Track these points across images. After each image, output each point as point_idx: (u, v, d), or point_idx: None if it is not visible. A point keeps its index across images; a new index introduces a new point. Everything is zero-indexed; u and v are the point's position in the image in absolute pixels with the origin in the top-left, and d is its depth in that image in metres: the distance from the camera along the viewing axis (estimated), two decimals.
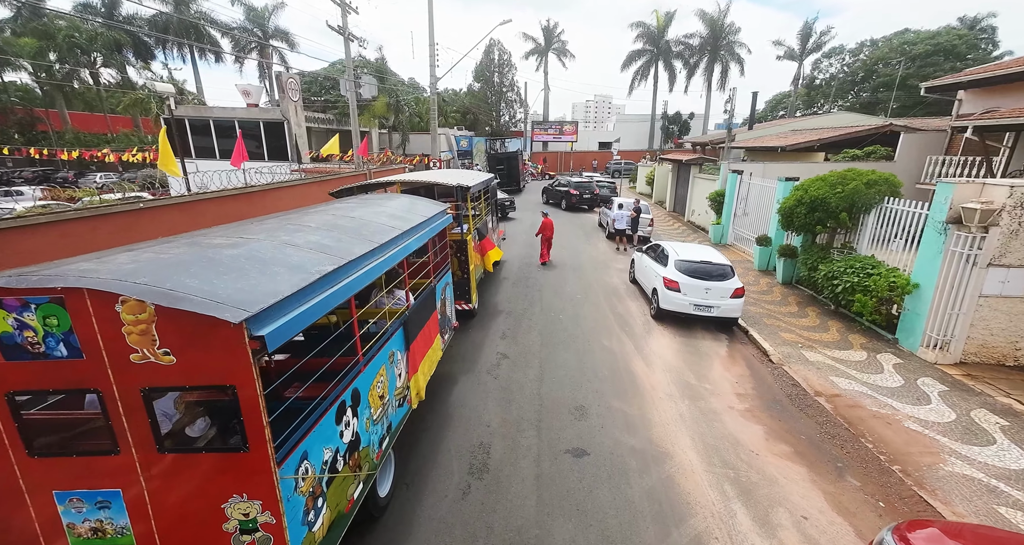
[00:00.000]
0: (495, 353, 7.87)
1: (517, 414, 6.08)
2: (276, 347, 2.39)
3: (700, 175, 19.60)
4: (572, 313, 9.78)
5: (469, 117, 49.42)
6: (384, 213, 5.32)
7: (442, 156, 32.26)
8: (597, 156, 48.69)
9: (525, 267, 13.42)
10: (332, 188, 11.34)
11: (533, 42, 49.02)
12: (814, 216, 9.71)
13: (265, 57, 40.51)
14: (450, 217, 6.84)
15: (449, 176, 9.34)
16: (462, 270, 8.53)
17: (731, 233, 15.99)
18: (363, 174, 17.46)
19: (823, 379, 6.93)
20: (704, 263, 9.08)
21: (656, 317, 9.49)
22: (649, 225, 16.84)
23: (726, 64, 45.66)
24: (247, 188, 10.19)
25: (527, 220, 21.11)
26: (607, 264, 13.94)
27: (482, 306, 10.13)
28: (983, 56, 48.14)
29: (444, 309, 6.73)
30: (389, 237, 4.46)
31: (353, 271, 3.53)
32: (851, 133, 16.97)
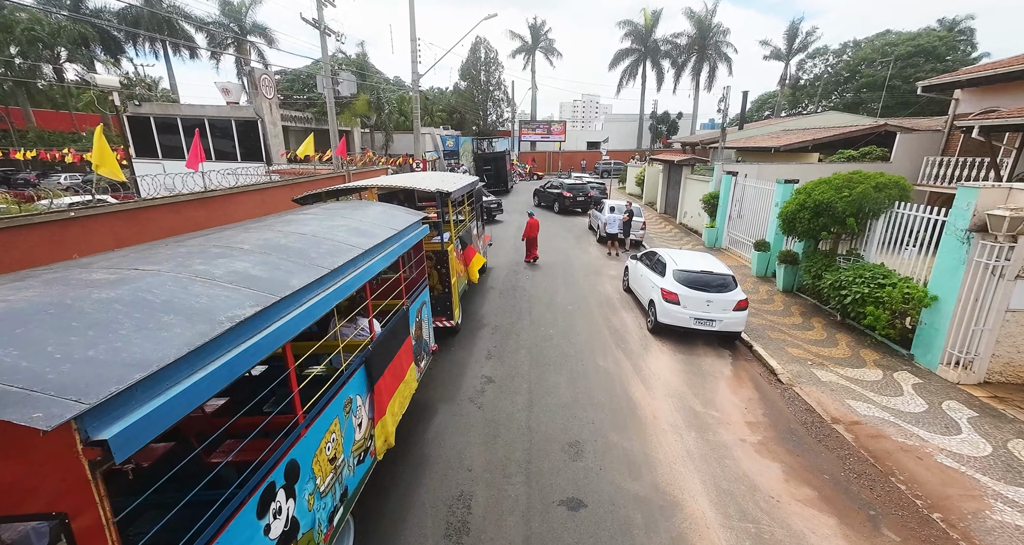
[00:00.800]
0: (479, 376, 7.11)
1: (504, 453, 5.33)
2: (136, 450, 1.60)
3: (692, 176, 19.07)
4: (563, 327, 9.06)
5: (456, 116, 48.53)
6: (345, 227, 4.52)
7: (427, 156, 31.35)
8: (586, 156, 48.19)
9: (513, 275, 12.68)
10: (307, 191, 10.51)
11: (520, 40, 48.33)
12: (818, 221, 9.14)
13: (243, 54, 39.11)
14: (426, 228, 6.06)
15: (429, 180, 8.56)
16: (443, 284, 7.75)
17: (726, 236, 15.46)
18: (341, 176, 16.55)
19: (838, 403, 6.32)
20: (705, 273, 8.44)
21: (654, 331, 8.82)
22: (641, 228, 16.25)
23: (714, 64, 45.51)
24: (205, 193, 9.26)
25: (515, 223, 20.37)
26: (599, 271, 13.27)
27: (467, 319, 9.36)
28: (962, 57, 48.85)
29: (420, 332, 5.95)
30: (346, 259, 3.67)
31: (287, 311, 2.74)
32: (845, 133, 16.58)
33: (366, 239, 4.35)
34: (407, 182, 7.81)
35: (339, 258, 3.62)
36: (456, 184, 8.55)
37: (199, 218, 9.04)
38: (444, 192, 7.33)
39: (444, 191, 7.34)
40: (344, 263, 3.58)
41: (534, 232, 13.44)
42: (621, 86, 47.50)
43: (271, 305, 2.60)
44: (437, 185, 7.78)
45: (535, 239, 13.60)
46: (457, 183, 8.75)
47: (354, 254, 3.82)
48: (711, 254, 10.56)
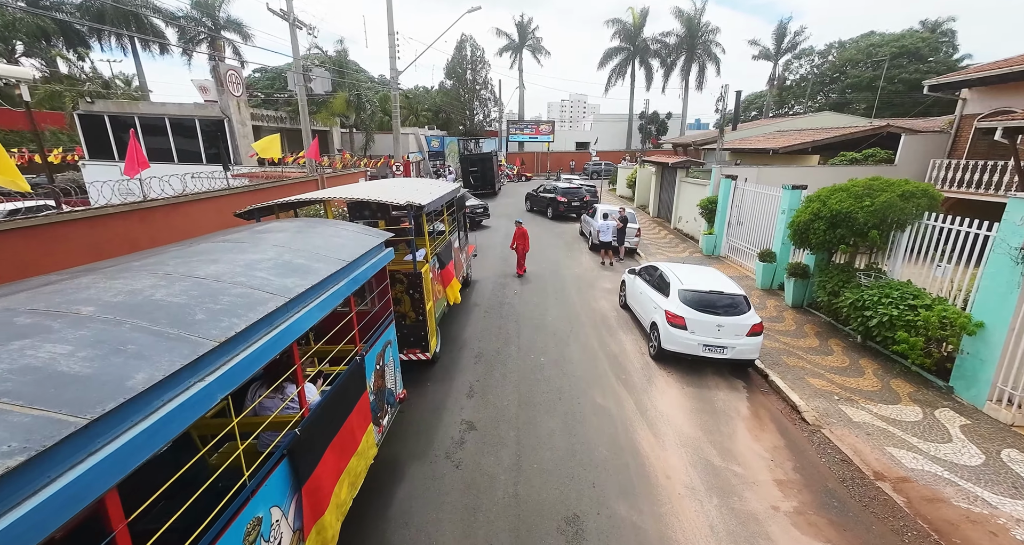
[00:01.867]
0: (459, 422, 6.05)
1: (485, 535, 4.29)
2: None
3: (687, 179, 18.23)
4: (556, 354, 8.04)
5: (441, 116, 47.28)
6: (272, 261, 3.43)
7: (411, 157, 30.13)
8: (575, 157, 47.34)
9: (500, 288, 11.63)
10: (273, 198, 9.34)
11: (507, 38, 47.29)
12: (836, 233, 8.26)
13: (217, 50, 37.39)
14: (390, 252, 4.98)
15: (401, 189, 7.45)
16: (416, 311, 6.66)
17: (725, 244, 14.61)
18: (314, 181, 15.34)
19: (878, 451, 5.40)
20: (714, 293, 7.49)
21: (657, 358, 7.85)
22: (636, 235, 15.32)
23: (703, 63, 45.00)
24: (144, 203, 8.03)
25: (503, 229, 19.32)
26: (593, 283, 12.29)
27: (446, 344, 8.29)
28: (944, 59, 49.23)
29: (382, 382, 4.86)
30: (253, 318, 2.58)
31: (114, 433, 1.65)
32: (847, 135, 15.89)
33: (299, 279, 3.26)
34: (373, 193, 6.70)
35: (242, 318, 2.53)
36: (433, 194, 7.46)
37: (135, 234, 7.81)
38: (417, 205, 6.25)
39: (417, 204, 6.25)
40: (247, 327, 2.49)
41: (523, 242, 12.35)
42: (610, 85, 46.78)
43: (75, 432, 1.51)
44: (409, 196, 6.69)
45: (525, 250, 12.49)
46: (434, 192, 7.66)
47: (269, 309, 2.73)
48: (714, 267, 9.66)
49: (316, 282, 3.33)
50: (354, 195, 6.52)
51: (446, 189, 8.59)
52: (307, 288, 3.20)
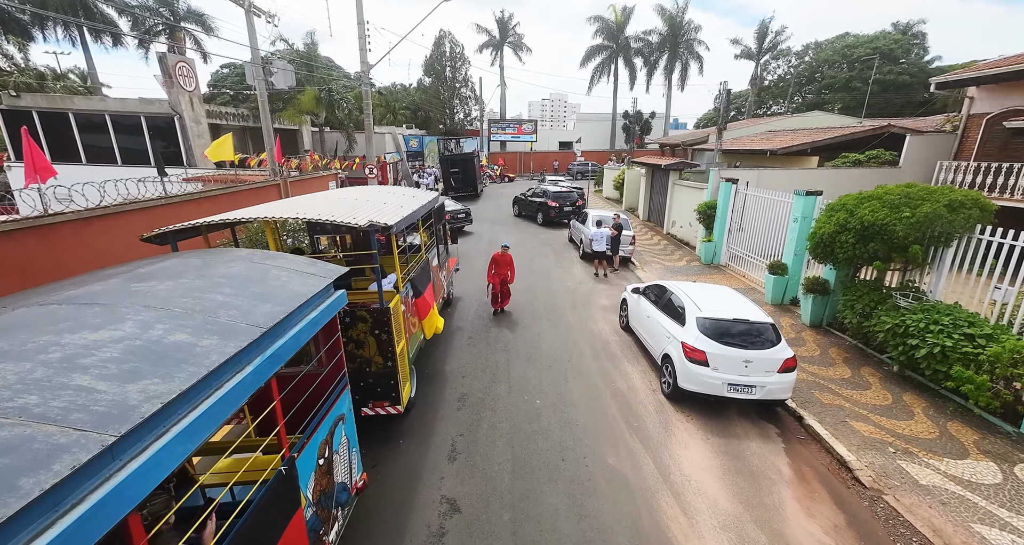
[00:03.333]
0: (437, 500, 4.77)
1: None
2: None
3: (681, 182, 17.27)
4: (554, 394, 6.82)
5: (420, 115, 45.62)
6: (118, 347, 2.09)
7: (387, 158, 28.53)
8: (558, 157, 46.31)
9: (486, 307, 10.35)
10: (221, 209, 7.95)
11: (487, 34, 45.94)
12: (868, 248, 7.26)
13: (177, 42, 34.92)
14: (342, 296, 3.66)
15: (366, 201, 6.10)
16: (384, 355, 5.34)
17: (725, 252, 13.65)
18: (276, 185, 13.78)
19: (963, 530, 4.35)
20: (739, 322, 6.38)
21: (672, 397, 6.71)
22: (631, 243, 14.25)
23: (685, 62, 44.54)
24: (43, 218, 6.46)
25: (487, 235, 18.04)
26: (588, 299, 11.13)
27: (425, 383, 6.98)
28: (916, 60, 50.09)
29: (328, 480, 3.53)
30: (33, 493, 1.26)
31: None
32: (847, 135, 15.15)
33: (161, 380, 1.94)
34: (329, 209, 5.34)
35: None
36: (405, 207, 6.14)
37: (32, 260, 6.25)
38: (382, 226, 4.93)
39: (382, 223, 4.93)
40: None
41: (505, 272, 9.65)
42: (593, 84, 45.90)
43: None
44: (374, 212, 5.36)
45: (506, 282, 9.78)
46: (406, 205, 6.34)
47: (51, 481, 1.40)
48: (727, 286, 8.60)
49: (193, 382, 2.01)
50: (304, 211, 5.15)
51: (422, 200, 7.26)
52: (171, 400, 1.87)
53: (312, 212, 5.04)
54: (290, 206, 5.64)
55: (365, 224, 4.78)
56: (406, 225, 5.74)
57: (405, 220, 5.63)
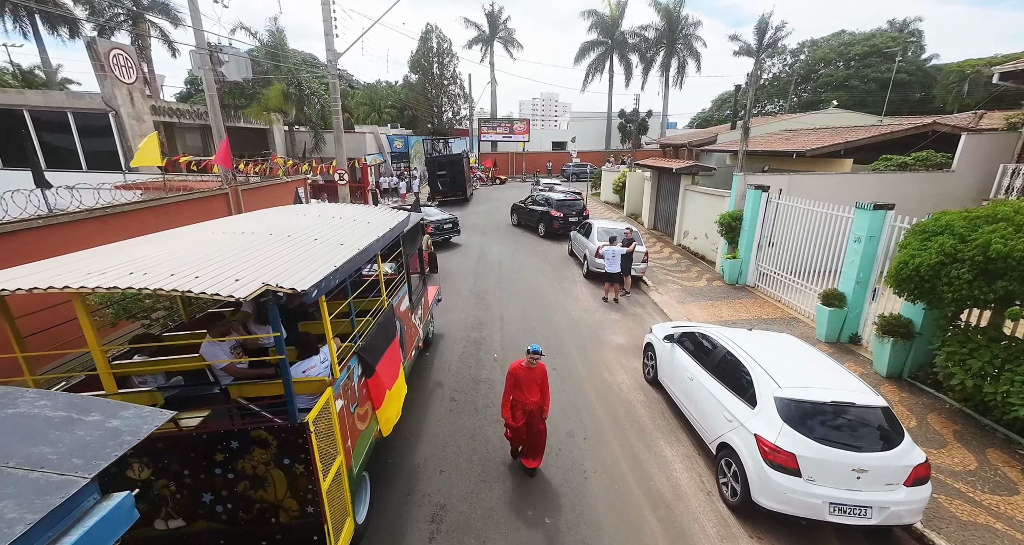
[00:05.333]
0: None
1: None
2: None
3: (696, 188, 15.34)
4: (570, 506, 4.76)
5: (407, 113, 43.34)
6: None
7: (368, 160, 26.28)
8: (551, 157, 44.34)
9: (473, 349, 8.28)
10: (149, 227, 5.96)
11: (476, 29, 43.82)
12: (994, 288, 5.31)
13: (141, 34, 32.24)
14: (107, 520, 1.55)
15: (276, 242, 3.93)
16: (300, 498, 3.23)
17: (753, 270, 11.72)
18: (224, 195, 11.59)
19: None
20: (841, 407, 4.38)
21: (739, 509, 4.69)
22: (643, 260, 12.27)
23: (683, 59, 42.84)
24: None
25: (476, 248, 15.96)
26: (598, 334, 9.10)
27: (381, 487, 4.88)
28: (913, 58, 49.07)
29: None
30: None
31: None
32: (885, 134, 13.33)
33: None
34: (178, 261, 3.08)
35: None
36: (342, 251, 3.96)
37: None
38: (287, 292, 2.82)
39: (286, 290, 2.82)
40: None
41: (532, 398, 5.05)
42: (587, 81, 44.05)
43: None
44: (278, 266, 3.22)
45: (538, 418, 5.12)
46: (349, 244, 4.19)
47: None
48: (808, 345, 6.62)
49: None
50: (123, 272, 2.95)
51: (381, 227, 5.12)
52: None
53: (133, 275, 2.86)
54: (127, 253, 3.45)
55: (247, 293, 2.66)
56: (343, 278, 3.63)
57: (341, 271, 3.51)
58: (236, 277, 2.84)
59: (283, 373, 3.06)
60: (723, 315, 9.97)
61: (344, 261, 3.60)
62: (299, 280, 2.97)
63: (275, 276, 2.94)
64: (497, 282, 12.32)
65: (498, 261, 14.31)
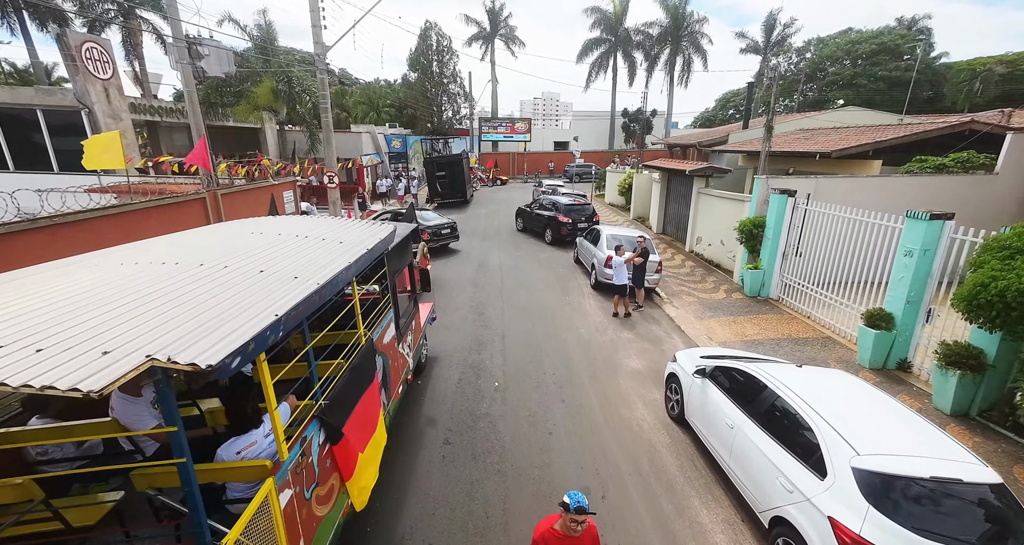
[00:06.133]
0: None
1: None
2: None
3: (710, 191, 14.38)
4: None
5: (407, 113, 42.37)
6: None
7: (365, 161, 25.33)
8: (554, 158, 43.37)
9: (471, 377, 7.33)
10: (104, 241, 5.02)
11: (476, 26, 42.84)
12: None
13: (133, 31, 31.26)
14: None
15: (202, 279, 2.93)
16: None
17: (776, 281, 10.75)
18: (201, 200, 10.62)
19: None
20: (943, 485, 3.40)
21: None
22: (656, 271, 11.30)
23: (688, 56, 41.85)
24: None
25: (475, 254, 15.00)
26: (611, 357, 8.13)
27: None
28: (923, 56, 48.06)
29: None
30: None
31: None
32: (918, 134, 12.35)
33: None
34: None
35: None
36: (283, 300, 2.84)
37: None
38: (185, 368, 1.88)
39: (187, 368, 1.88)
40: None
41: None
42: (590, 80, 43.04)
43: None
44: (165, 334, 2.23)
45: None
46: (307, 281, 3.17)
47: None
48: (872, 387, 5.67)
49: None
50: None
51: (359, 247, 4.15)
52: None
53: None
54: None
55: (108, 381, 1.69)
56: (293, 326, 2.66)
57: (287, 322, 2.54)
58: (105, 349, 1.88)
59: (181, 476, 2.10)
60: (747, 334, 9.01)
61: (291, 307, 2.63)
62: (209, 348, 2.00)
63: (172, 342, 1.98)
64: (498, 294, 11.37)
65: (499, 270, 13.35)
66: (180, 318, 2.19)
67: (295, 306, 2.67)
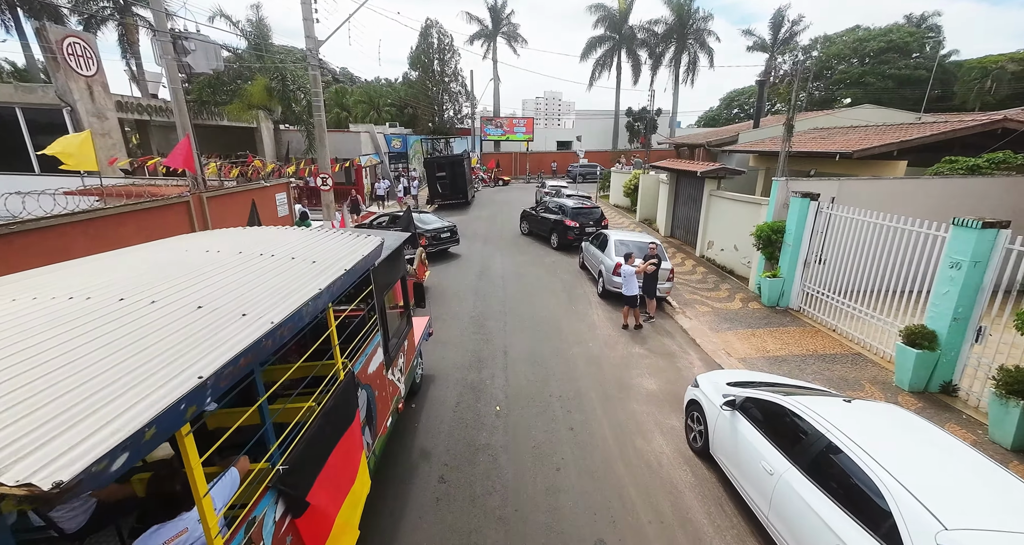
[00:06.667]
0: None
1: None
2: None
3: (722, 194, 13.69)
4: None
5: (407, 112, 41.72)
6: None
7: (363, 161, 24.69)
8: (556, 157, 42.67)
9: (471, 399, 6.67)
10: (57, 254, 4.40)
11: (478, 24, 42.17)
12: None
13: (129, 28, 30.66)
14: None
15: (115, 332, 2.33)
16: None
17: (797, 291, 10.07)
18: (185, 203, 9.98)
19: None
20: None
21: None
22: (668, 279, 10.62)
23: (694, 54, 41.09)
24: None
25: (477, 259, 14.36)
26: (623, 378, 7.45)
27: None
28: (932, 54, 47.15)
29: None
30: None
31: None
32: (946, 133, 11.62)
33: None
34: None
35: None
36: (218, 352, 2.23)
37: None
38: (24, 493, 1.23)
39: (20, 490, 1.24)
40: None
41: None
42: (594, 78, 42.32)
43: None
44: None
45: None
46: (258, 321, 2.50)
47: None
48: (939, 430, 4.99)
49: None
50: None
51: (336, 266, 3.48)
52: None
53: None
54: None
55: None
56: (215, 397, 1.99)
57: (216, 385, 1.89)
58: None
59: None
60: (769, 349, 8.33)
61: (226, 363, 1.96)
62: (66, 451, 1.34)
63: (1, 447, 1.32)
64: (500, 303, 10.71)
65: (502, 276, 12.69)
66: (39, 398, 1.53)
67: (231, 361, 2.00)
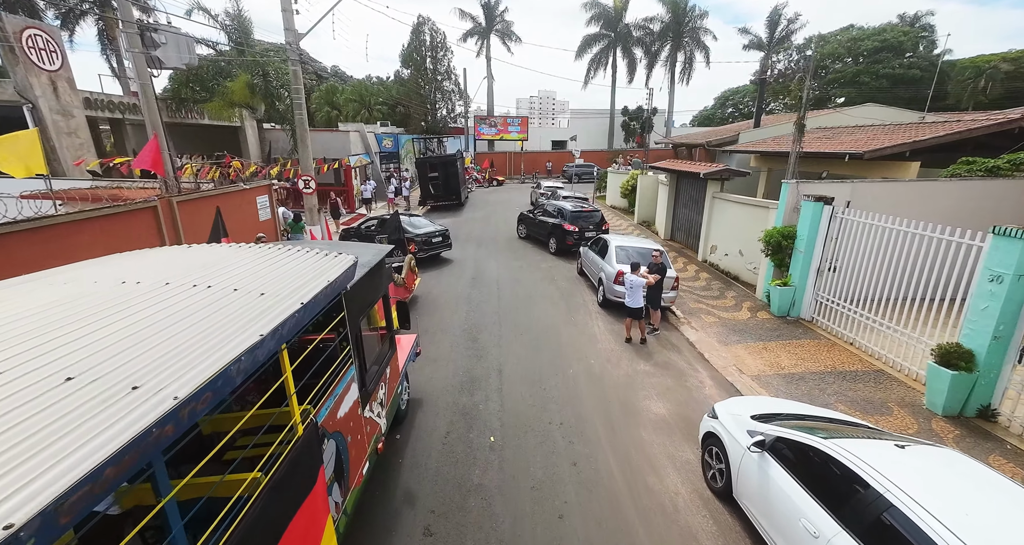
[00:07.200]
0: None
1: None
2: None
3: (725, 196, 13.11)
4: None
5: (399, 111, 40.89)
6: None
7: (353, 161, 23.88)
8: (551, 157, 42.03)
9: (462, 426, 6.00)
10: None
11: (472, 21, 41.41)
12: None
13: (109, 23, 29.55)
14: None
15: None
16: None
17: (809, 300, 9.49)
18: (152, 209, 9.22)
19: None
20: None
21: None
22: (673, 287, 10.01)
23: (690, 53, 40.64)
24: None
25: (470, 264, 13.68)
26: (629, 401, 6.82)
27: None
28: (925, 53, 47.13)
29: None
30: None
31: None
32: (961, 132, 11.11)
33: None
34: None
35: None
36: (77, 463, 1.67)
37: None
38: None
39: None
40: None
41: None
42: (589, 77, 41.73)
43: None
44: None
45: None
46: (158, 397, 1.88)
47: None
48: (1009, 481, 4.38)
49: None
50: None
51: (292, 298, 2.80)
52: None
53: None
54: None
55: None
56: (76, 523, 1.33)
57: (78, 506, 1.22)
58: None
59: None
60: (783, 364, 7.74)
61: (61, 495, 1.27)
62: None
63: None
64: (495, 314, 10.04)
65: (496, 283, 12.02)
66: None
67: (74, 488, 1.31)
